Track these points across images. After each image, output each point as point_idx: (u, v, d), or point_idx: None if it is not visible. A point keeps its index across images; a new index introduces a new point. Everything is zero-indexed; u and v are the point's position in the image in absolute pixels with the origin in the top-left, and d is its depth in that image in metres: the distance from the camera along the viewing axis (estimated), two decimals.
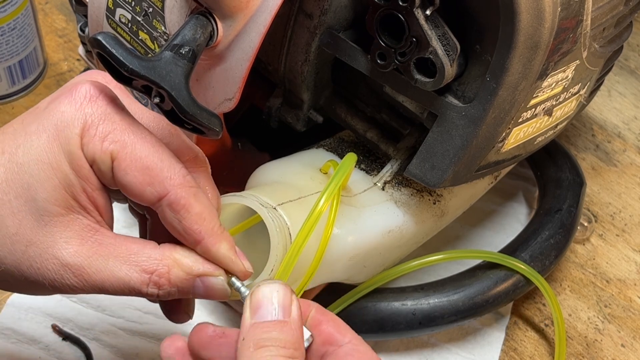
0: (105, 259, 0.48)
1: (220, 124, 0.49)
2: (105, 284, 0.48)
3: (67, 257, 0.47)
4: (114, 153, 0.46)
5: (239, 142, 0.73)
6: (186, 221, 0.47)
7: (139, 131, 0.48)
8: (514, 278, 0.70)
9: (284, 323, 0.45)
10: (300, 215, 0.57)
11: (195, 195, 0.48)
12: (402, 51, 0.55)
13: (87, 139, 0.46)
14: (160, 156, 0.47)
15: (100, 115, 0.47)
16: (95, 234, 0.48)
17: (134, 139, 0.47)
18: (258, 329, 0.45)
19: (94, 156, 0.47)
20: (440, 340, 0.73)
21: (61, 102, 0.47)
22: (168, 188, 0.47)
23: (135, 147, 0.47)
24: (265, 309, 0.46)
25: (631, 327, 0.75)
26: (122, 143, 0.47)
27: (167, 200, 0.47)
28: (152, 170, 0.47)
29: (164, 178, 0.47)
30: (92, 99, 0.47)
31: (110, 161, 0.47)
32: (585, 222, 0.80)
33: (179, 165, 0.48)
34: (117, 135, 0.47)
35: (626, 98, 0.93)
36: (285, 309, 0.46)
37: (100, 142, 0.46)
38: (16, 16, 0.80)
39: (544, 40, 0.54)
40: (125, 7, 0.58)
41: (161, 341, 0.69)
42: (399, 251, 0.67)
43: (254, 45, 0.53)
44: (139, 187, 0.47)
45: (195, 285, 0.49)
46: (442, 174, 0.60)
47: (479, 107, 0.56)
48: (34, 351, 0.69)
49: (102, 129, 0.47)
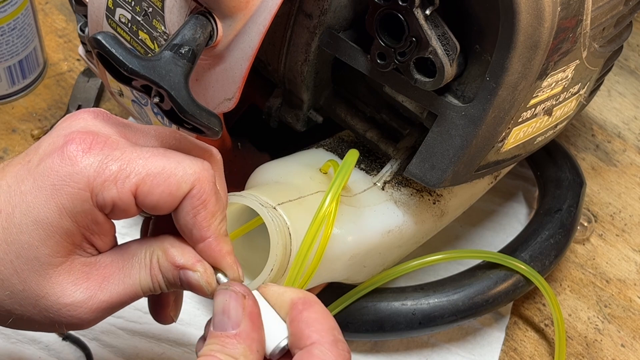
0: (114, 277, 0.48)
1: (220, 124, 0.49)
2: (123, 298, 0.48)
3: (79, 297, 0.47)
4: (133, 187, 0.46)
5: (239, 142, 0.73)
6: (200, 216, 0.47)
7: (145, 151, 0.47)
8: (513, 278, 0.70)
9: (229, 337, 0.45)
10: (300, 215, 0.57)
11: (216, 194, 0.48)
12: (401, 51, 0.55)
13: (97, 189, 0.46)
14: (176, 159, 0.47)
15: (100, 162, 0.46)
16: (95, 264, 0.48)
17: (143, 162, 0.46)
18: (210, 337, 0.46)
19: (113, 201, 0.46)
20: (440, 340, 0.73)
21: (54, 161, 0.46)
22: (194, 182, 0.47)
23: (149, 167, 0.46)
24: (217, 318, 0.46)
25: (631, 327, 0.75)
26: (135, 174, 0.46)
27: (191, 193, 0.47)
28: (175, 176, 0.46)
29: (189, 175, 0.47)
30: (85, 151, 0.46)
31: (133, 197, 0.46)
32: (585, 222, 0.80)
33: (199, 160, 0.48)
34: (127, 169, 0.46)
35: (626, 98, 0.93)
36: (234, 321, 0.46)
37: (114, 185, 0.46)
38: (16, 16, 0.80)
39: (543, 40, 0.54)
40: (125, 7, 0.58)
41: (161, 341, 0.70)
42: (398, 251, 0.67)
43: (253, 45, 0.53)
44: (167, 199, 0.47)
45: (180, 276, 0.49)
46: (441, 173, 0.60)
47: (479, 107, 0.56)
48: (34, 351, 0.69)
49: (109, 172, 0.46)
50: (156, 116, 0.64)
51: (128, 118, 0.84)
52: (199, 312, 0.72)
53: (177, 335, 0.70)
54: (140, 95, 0.63)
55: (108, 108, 0.86)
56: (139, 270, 0.49)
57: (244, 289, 0.47)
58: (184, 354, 0.70)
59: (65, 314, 0.48)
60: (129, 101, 0.66)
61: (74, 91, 0.87)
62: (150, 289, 0.49)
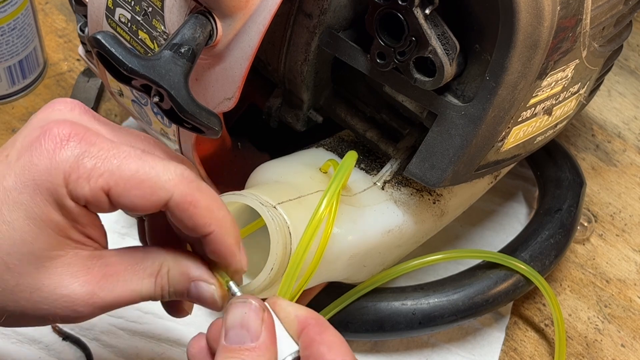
0: (115, 277, 0.48)
1: (220, 123, 0.49)
2: (120, 300, 0.48)
3: (77, 289, 0.47)
4: (105, 186, 0.45)
5: (239, 142, 0.73)
6: (195, 217, 0.47)
7: (121, 151, 0.46)
8: (513, 278, 0.69)
9: (248, 350, 0.45)
10: (299, 214, 0.57)
11: (199, 189, 0.47)
12: (401, 50, 0.55)
13: (72, 185, 0.45)
14: (150, 164, 0.46)
15: (76, 157, 0.45)
16: (100, 260, 0.48)
17: (117, 162, 0.46)
18: (226, 351, 0.46)
19: (85, 198, 0.45)
20: (440, 340, 0.73)
21: (33, 154, 0.46)
22: (170, 190, 0.46)
23: (122, 169, 0.45)
24: (233, 331, 0.46)
25: (631, 327, 0.75)
26: (109, 173, 0.45)
27: (173, 201, 0.46)
28: (147, 181, 0.46)
29: (162, 183, 0.46)
30: (62, 143, 0.45)
31: (104, 195, 0.46)
32: (585, 222, 0.80)
33: (172, 164, 0.47)
34: (100, 168, 0.45)
35: (626, 98, 0.93)
36: (253, 333, 0.46)
37: (87, 182, 0.45)
38: (16, 16, 0.80)
39: (543, 40, 0.54)
40: (125, 6, 0.58)
41: (161, 341, 0.70)
42: (398, 251, 0.67)
43: (253, 44, 0.53)
44: (141, 202, 0.46)
45: (190, 288, 0.49)
46: (441, 173, 0.60)
47: (479, 106, 0.56)
48: (34, 351, 0.69)
49: (83, 169, 0.45)
50: (156, 116, 0.64)
51: (128, 118, 0.84)
52: (199, 312, 0.71)
53: (177, 335, 0.70)
54: (140, 95, 0.63)
55: (108, 108, 0.86)
56: (143, 278, 0.48)
57: (261, 302, 0.47)
58: (184, 354, 0.70)
59: (60, 305, 0.47)
60: (129, 101, 0.66)
61: (74, 91, 0.87)
62: (151, 296, 0.49)
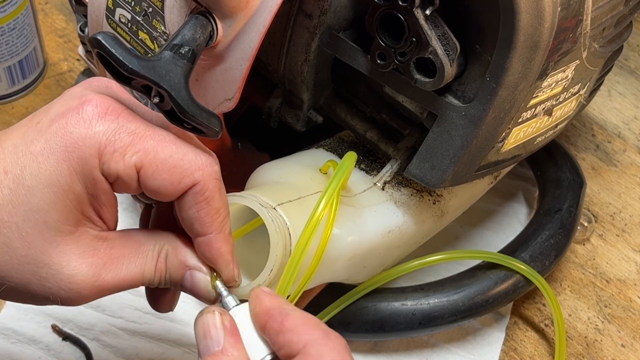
0: (120, 260, 0.48)
1: (220, 124, 0.49)
2: (123, 283, 0.48)
3: (83, 270, 0.46)
4: (138, 164, 0.45)
5: (239, 142, 0.73)
6: (203, 212, 0.47)
7: (157, 133, 0.46)
8: (513, 278, 0.69)
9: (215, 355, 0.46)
10: (299, 215, 0.57)
11: (219, 190, 0.48)
12: (402, 51, 0.55)
13: (106, 158, 0.45)
14: (184, 150, 0.47)
15: (114, 131, 0.45)
16: (105, 242, 0.48)
17: (153, 143, 0.46)
18: None
19: (117, 173, 0.45)
20: (440, 340, 0.73)
21: (68, 122, 0.45)
22: (198, 178, 0.46)
23: (157, 151, 0.46)
24: (200, 344, 0.47)
25: (631, 327, 0.75)
26: (144, 152, 0.45)
27: (194, 189, 0.47)
28: (179, 167, 0.46)
29: (192, 171, 0.46)
30: (101, 115, 0.46)
31: (136, 173, 0.46)
32: (585, 222, 0.80)
33: (204, 155, 0.47)
34: (136, 145, 0.45)
35: (626, 98, 0.93)
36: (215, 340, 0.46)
37: (122, 157, 0.45)
38: (16, 16, 0.80)
39: (543, 40, 0.54)
40: (125, 7, 0.58)
41: (161, 341, 0.70)
42: (398, 251, 0.67)
43: (253, 45, 0.53)
44: (168, 187, 0.46)
45: (185, 277, 0.49)
46: (441, 174, 0.60)
47: (479, 107, 0.56)
48: (34, 351, 0.69)
49: (120, 143, 0.45)
50: None
51: None
52: (195, 304, 0.71)
53: (177, 335, 0.70)
54: (140, 96, 0.63)
55: None
56: (146, 261, 0.48)
57: (219, 309, 0.47)
58: (184, 354, 0.70)
59: (64, 286, 0.46)
60: None
61: None
62: (151, 281, 0.49)
